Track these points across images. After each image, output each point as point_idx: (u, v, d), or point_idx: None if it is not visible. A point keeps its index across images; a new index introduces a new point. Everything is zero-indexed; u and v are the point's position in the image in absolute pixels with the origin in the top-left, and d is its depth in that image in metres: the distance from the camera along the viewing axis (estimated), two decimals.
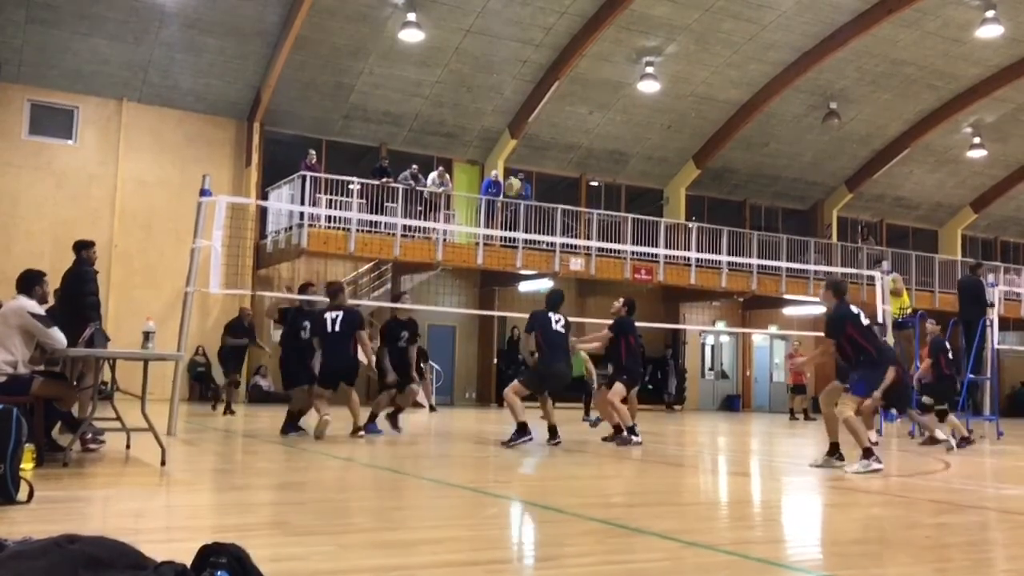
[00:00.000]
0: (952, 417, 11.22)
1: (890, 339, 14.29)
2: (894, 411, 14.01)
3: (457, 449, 9.73)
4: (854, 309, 7.89)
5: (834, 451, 7.96)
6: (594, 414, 13.86)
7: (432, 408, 19.38)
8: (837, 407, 7.83)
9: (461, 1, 20.50)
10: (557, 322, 9.77)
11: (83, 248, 9.31)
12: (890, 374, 10.41)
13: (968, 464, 8.98)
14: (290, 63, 20.95)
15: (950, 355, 11.79)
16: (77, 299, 8.90)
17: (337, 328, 9.74)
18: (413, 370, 11.21)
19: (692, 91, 24.53)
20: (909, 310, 14.35)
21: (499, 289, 23.80)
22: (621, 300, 11.23)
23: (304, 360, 10.28)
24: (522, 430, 9.25)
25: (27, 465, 5.46)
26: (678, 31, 22.22)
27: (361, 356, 10.14)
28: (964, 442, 10.76)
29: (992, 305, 14.51)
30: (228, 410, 14.57)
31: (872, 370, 7.81)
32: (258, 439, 9.90)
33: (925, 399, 11.56)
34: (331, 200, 20.52)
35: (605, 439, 10.46)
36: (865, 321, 7.89)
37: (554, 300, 10.07)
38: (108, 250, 20.69)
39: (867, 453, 7.51)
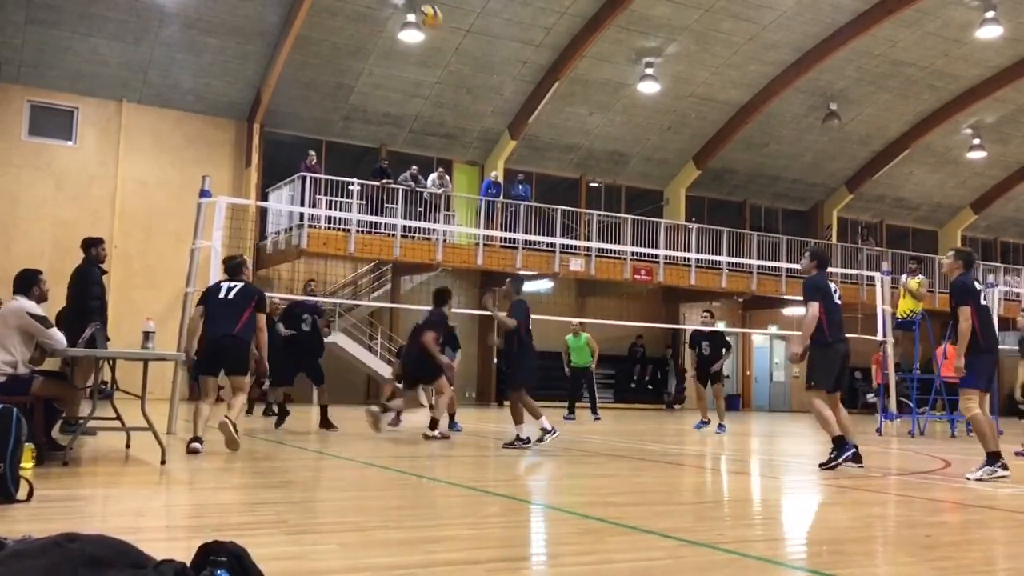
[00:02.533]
0: None
1: (890, 338, 14.30)
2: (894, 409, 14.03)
3: (457, 448, 9.72)
4: (978, 285, 7.46)
5: (994, 460, 7.07)
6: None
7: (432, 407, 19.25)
8: (960, 407, 7.31)
9: (461, 1, 20.50)
10: (835, 292, 8.10)
11: (92, 246, 9.32)
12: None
13: (967, 463, 8.98)
14: (290, 63, 20.95)
15: None
16: (80, 300, 8.92)
17: (231, 296, 7.98)
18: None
19: (692, 92, 24.54)
20: (919, 316, 14.29)
21: (499, 290, 23.80)
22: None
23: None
24: (842, 445, 7.48)
25: (27, 464, 5.45)
26: (678, 31, 22.23)
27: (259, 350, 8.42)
28: None
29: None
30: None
31: (979, 357, 7.15)
32: (257, 439, 9.89)
33: None
34: (331, 201, 20.54)
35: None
36: (984, 302, 7.37)
37: (824, 258, 8.38)
38: (108, 251, 20.64)
39: (993, 457, 6.99)
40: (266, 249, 22.00)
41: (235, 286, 8.07)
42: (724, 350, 13.72)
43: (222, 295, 8.01)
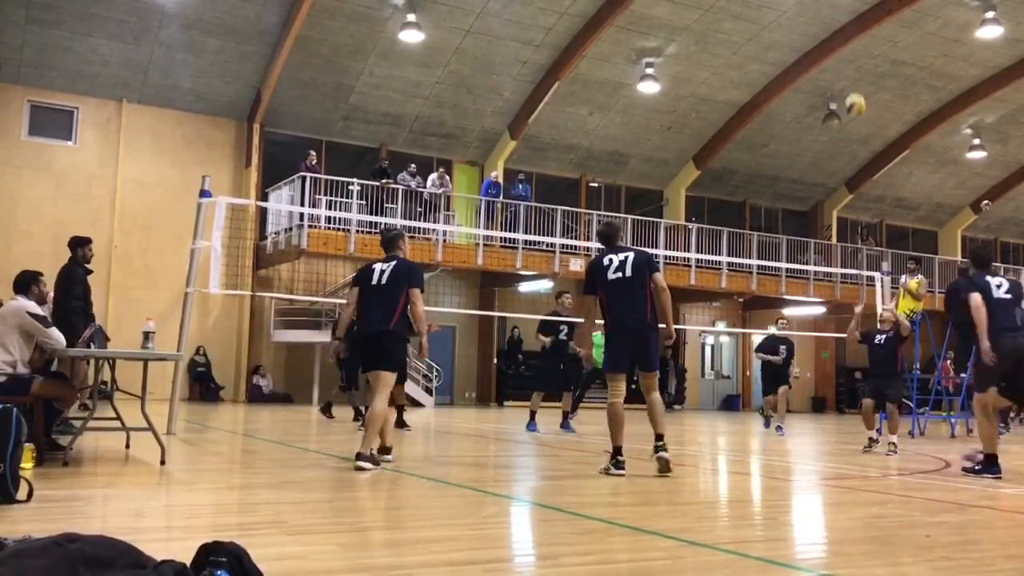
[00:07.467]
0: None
1: None
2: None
3: (457, 448, 9.72)
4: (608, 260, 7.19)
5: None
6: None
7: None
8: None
9: (461, 1, 20.50)
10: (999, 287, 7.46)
11: (79, 245, 9.30)
12: None
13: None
14: (290, 63, 20.95)
15: None
16: (63, 300, 8.92)
17: None
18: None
19: (692, 92, 24.54)
20: (918, 316, 14.31)
21: (499, 290, 23.82)
22: None
23: None
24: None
25: (27, 464, 5.46)
26: (678, 31, 22.22)
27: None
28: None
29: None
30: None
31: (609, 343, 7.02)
32: (258, 439, 9.90)
33: None
34: (331, 201, 20.53)
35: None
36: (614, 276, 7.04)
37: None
38: (108, 251, 20.69)
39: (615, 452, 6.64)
40: (266, 249, 21.99)
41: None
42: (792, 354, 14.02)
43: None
